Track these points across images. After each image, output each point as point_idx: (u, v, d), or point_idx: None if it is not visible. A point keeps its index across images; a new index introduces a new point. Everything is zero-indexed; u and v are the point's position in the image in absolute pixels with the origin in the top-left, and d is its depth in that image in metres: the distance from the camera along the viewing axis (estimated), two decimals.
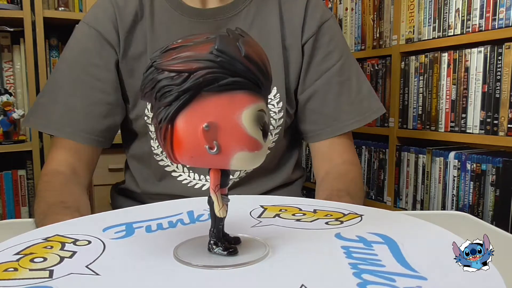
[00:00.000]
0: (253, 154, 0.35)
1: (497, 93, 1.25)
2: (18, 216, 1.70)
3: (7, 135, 1.60)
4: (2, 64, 1.70)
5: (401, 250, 0.37)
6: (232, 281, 0.34)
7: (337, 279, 0.33)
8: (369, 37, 1.70)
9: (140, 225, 0.48)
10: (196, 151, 0.34)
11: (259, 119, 0.34)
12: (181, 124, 0.34)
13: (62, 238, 0.44)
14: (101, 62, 0.77)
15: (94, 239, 0.44)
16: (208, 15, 0.79)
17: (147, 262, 0.38)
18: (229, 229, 0.39)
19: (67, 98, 0.77)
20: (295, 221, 0.47)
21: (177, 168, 0.81)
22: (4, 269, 0.37)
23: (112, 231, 0.46)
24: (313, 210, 0.51)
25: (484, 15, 1.27)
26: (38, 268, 0.37)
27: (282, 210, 0.52)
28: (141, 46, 0.78)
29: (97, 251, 0.41)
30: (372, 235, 0.41)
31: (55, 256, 0.39)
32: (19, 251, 0.41)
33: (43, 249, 0.41)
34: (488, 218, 1.28)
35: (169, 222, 0.49)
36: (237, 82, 0.33)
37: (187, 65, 0.33)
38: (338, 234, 0.42)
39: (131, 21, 0.77)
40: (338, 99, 0.81)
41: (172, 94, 0.33)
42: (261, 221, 0.48)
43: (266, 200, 0.56)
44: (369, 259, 0.35)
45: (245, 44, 0.33)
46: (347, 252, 0.37)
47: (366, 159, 1.75)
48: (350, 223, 0.46)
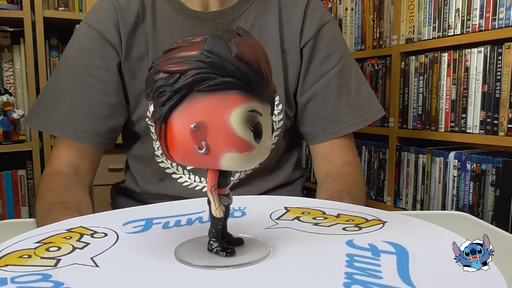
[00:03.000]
0: (243, 155, 0.34)
1: (497, 93, 1.25)
2: (18, 216, 1.70)
3: (7, 135, 1.60)
4: (2, 64, 1.70)
5: (409, 262, 0.36)
6: (230, 281, 0.34)
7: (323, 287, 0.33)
8: (369, 37, 1.70)
9: (159, 221, 0.49)
10: (187, 151, 0.34)
11: (250, 119, 0.34)
12: (173, 124, 0.34)
13: (83, 230, 0.46)
14: (102, 64, 0.77)
15: (111, 232, 0.45)
16: (209, 19, 0.79)
17: (148, 260, 0.38)
18: (241, 229, 0.39)
19: (69, 99, 0.77)
20: (312, 225, 0.46)
21: (177, 170, 0.81)
22: (19, 256, 0.39)
23: (131, 226, 0.48)
24: (336, 214, 0.50)
25: (484, 15, 1.27)
26: (48, 256, 0.39)
27: (305, 213, 0.51)
28: (143, 48, 0.78)
29: (108, 244, 0.42)
30: (386, 244, 0.40)
31: (69, 247, 0.41)
32: (40, 240, 0.43)
33: (62, 239, 0.44)
34: (488, 218, 1.28)
35: (188, 219, 0.49)
36: (227, 82, 0.33)
37: (179, 66, 0.33)
38: (350, 241, 0.41)
39: (133, 23, 0.77)
40: (337, 101, 0.81)
41: (165, 94, 0.34)
42: (277, 223, 0.47)
43: (291, 202, 0.55)
44: (369, 270, 0.34)
45: (238, 44, 0.33)
46: (350, 260, 0.36)
47: (366, 159, 1.75)
48: (369, 230, 0.44)
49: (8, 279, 0.34)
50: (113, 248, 0.41)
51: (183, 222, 0.48)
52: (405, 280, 0.33)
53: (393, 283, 0.32)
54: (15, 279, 0.34)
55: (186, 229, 0.46)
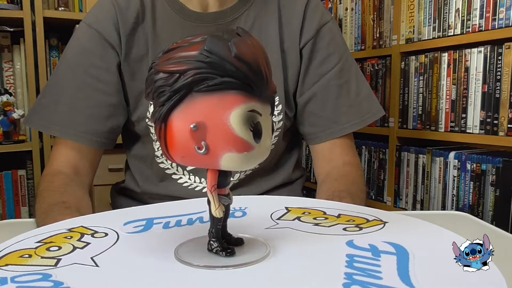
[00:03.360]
0: (242, 155, 0.34)
1: (497, 93, 1.25)
2: (18, 216, 1.70)
3: (7, 135, 1.60)
4: (2, 64, 1.70)
5: (409, 262, 0.36)
6: (230, 282, 0.34)
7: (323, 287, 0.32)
8: (369, 37, 1.70)
9: (160, 221, 0.49)
10: (186, 151, 0.34)
11: (249, 119, 0.34)
12: (173, 124, 0.34)
13: (84, 230, 0.46)
14: (102, 64, 0.77)
15: (111, 232, 0.46)
16: (208, 19, 0.79)
17: (148, 260, 0.38)
18: (242, 229, 0.39)
19: (69, 99, 0.77)
20: (312, 225, 0.46)
21: (177, 171, 0.81)
22: (20, 255, 0.40)
23: (132, 226, 0.48)
24: (337, 214, 0.50)
25: (484, 15, 1.27)
26: (49, 256, 0.39)
27: (306, 213, 0.51)
28: (143, 48, 0.78)
29: (108, 243, 0.42)
30: (386, 244, 0.40)
31: (69, 246, 0.42)
32: (41, 240, 0.43)
33: (63, 238, 0.44)
34: (488, 218, 1.28)
35: (189, 219, 0.49)
36: (226, 82, 0.33)
37: (178, 66, 0.33)
38: (351, 242, 0.41)
39: (132, 23, 0.77)
40: (337, 101, 0.81)
41: (165, 94, 0.34)
42: (278, 223, 0.47)
43: (292, 202, 0.55)
44: (369, 270, 0.34)
45: (237, 44, 0.33)
46: (350, 260, 0.36)
47: (366, 159, 1.75)
48: (370, 230, 0.44)
49: (8, 279, 0.34)
50: (113, 248, 0.41)
51: (184, 222, 0.48)
52: (404, 280, 0.33)
53: (393, 284, 0.32)
54: (15, 279, 0.34)
55: (187, 229, 0.46)
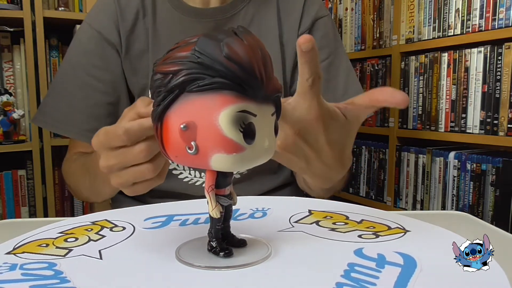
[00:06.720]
0: (231, 156, 0.33)
1: (497, 93, 1.25)
2: (18, 216, 1.70)
3: (7, 135, 1.60)
4: (2, 64, 1.70)
5: (413, 275, 0.34)
6: (230, 282, 0.34)
7: None
8: (369, 37, 1.70)
9: (179, 218, 0.49)
10: (179, 151, 0.34)
11: (239, 120, 0.33)
12: (167, 124, 0.35)
13: (106, 223, 0.47)
14: (102, 64, 0.78)
15: (129, 226, 0.46)
16: (208, 15, 0.79)
17: (151, 256, 0.39)
18: (252, 231, 0.38)
19: (70, 99, 0.79)
20: (328, 230, 0.45)
21: (177, 167, 0.81)
22: (39, 244, 0.41)
23: (151, 221, 0.48)
24: (360, 220, 0.48)
25: (484, 15, 1.27)
26: (62, 246, 0.40)
27: (328, 217, 0.49)
28: (143, 44, 0.79)
29: (120, 238, 0.43)
30: (396, 255, 0.38)
31: (85, 238, 0.42)
32: (63, 231, 0.44)
33: (84, 231, 0.45)
34: (488, 218, 1.28)
35: (207, 218, 0.49)
36: (217, 83, 0.32)
37: (172, 66, 0.34)
38: (359, 250, 0.39)
39: (132, 20, 0.78)
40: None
41: (161, 94, 0.34)
42: (293, 226, 0.46)
43: (316, 205, 0.54)
44: (363, 281, 0.33)
45: (229, 44, 0.32)
46: (349, 270, 0.35)
47: (366, 159, 1.75)
48: (387, 238, 0.42)
49: (18, 266, 0.36)
50: (123, 242, 0.42)
51: (201, 220, 0.48)
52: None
53: None
54: (24, 266, 0.36)
55: (199, 227, 0.46)
